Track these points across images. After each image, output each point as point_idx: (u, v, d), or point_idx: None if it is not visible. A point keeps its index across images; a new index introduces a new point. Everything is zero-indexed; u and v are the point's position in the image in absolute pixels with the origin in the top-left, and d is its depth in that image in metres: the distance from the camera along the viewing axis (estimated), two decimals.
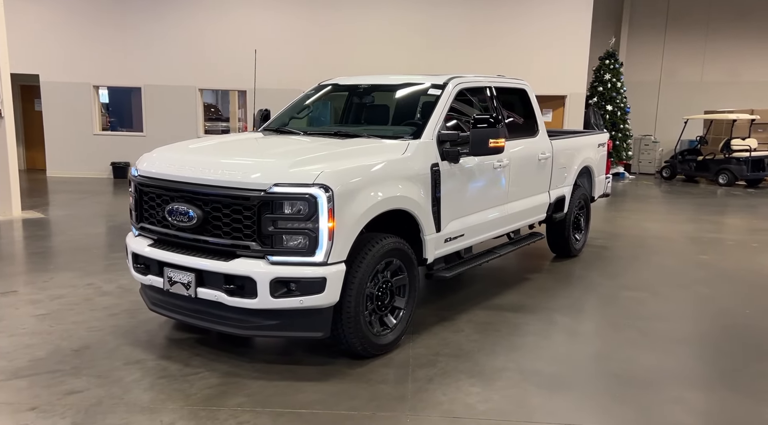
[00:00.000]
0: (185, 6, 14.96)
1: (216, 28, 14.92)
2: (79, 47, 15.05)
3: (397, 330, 4.58)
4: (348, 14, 14.82)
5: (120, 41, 15.06)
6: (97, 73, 15.20)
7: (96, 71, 15.16)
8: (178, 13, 14.99)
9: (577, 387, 4.09)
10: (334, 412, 3.66)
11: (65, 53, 15.05)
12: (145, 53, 15.05)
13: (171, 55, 14.89)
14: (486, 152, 4.91)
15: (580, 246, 7.76)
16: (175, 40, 14.89)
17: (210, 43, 14.79)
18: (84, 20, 15.01)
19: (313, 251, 3.91)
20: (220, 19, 14.94)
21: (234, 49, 14.76)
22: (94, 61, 15.11)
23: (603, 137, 8.13)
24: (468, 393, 3.94)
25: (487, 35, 14.74)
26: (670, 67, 19.89)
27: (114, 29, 15.04)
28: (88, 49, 15.06)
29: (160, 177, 4.38)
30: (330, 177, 3.95)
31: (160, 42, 14.95)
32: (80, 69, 15.09)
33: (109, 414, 3.59)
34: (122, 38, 15.06)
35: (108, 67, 15.14)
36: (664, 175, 17.80)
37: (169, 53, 14.90)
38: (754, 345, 4.97)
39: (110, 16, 15.02)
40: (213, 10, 14.93)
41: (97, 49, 15.07)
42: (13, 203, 9.78)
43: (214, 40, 14.80)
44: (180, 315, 4.39)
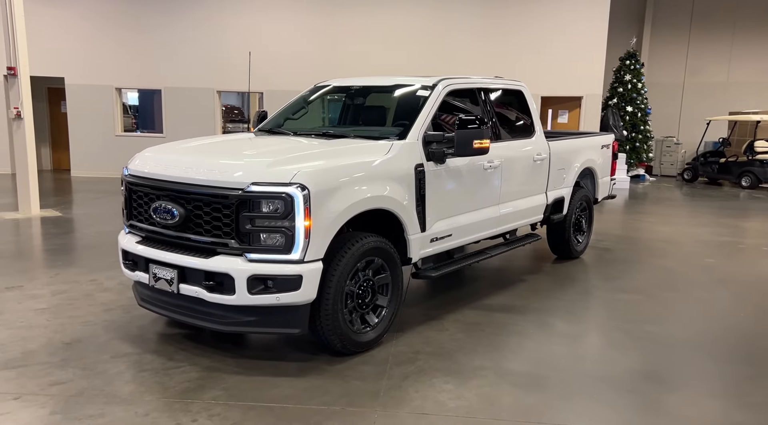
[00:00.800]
0: (204, 10, 15.21)
1: (234, 31, 15.14)
2: (102, 51, 15.42)
3: (378, 328, 4.64)
4: (363, 15, 14.91)
5: (141, 45, 15.39)
6: (119, 76, 15.55)
7: (118, 74, 15.51)
8: (197, 18, 15.25)
9: (552, 387, 4.10)
10: (304, 407, 3.74)
11: (89, 56, 15.43)
12: (166, 56, 15.35)
13: (190, 58, 15.16)
14: (471, 153, 4.94)
15: (582, 248, 7.71)
16: (194, 43, 15.16)
17: (228, 46, 15.02)
18: (107, 25, 15.37)
19: (290, 249, 4.00)
20: (237, 22, 15.16)
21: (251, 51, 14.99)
22: (116, 64, 15.46)
23: (607, 138, 8.07)
24: (440, 391, 3.98)
25: (501, 36, 14.69)
26: (695, 67, 19.56)
27: (136, 33, 15.37)
28: (111, 53, 15.41)
29: (146, 176, 4.52)
30: (306, 176, 4.03)
31: (179, 45, 15.23)
32: (103, 72, 15.46)
33: (88, 404, 3.71)
34: (143, 42, 15.38)
35: (129, 70, 15.48)
36: (686, 178, 17.52)
37: (188, 56, 15.18)
38: (743, 349, 4.91)
39: (132, 20, 15.35)
40: (231, 14, 15.16)
41: (120, 53, 15.42)
42: (32, 202, 10.07)
43: (232, 42, 15.02)
44: (165, 311, 4.51)
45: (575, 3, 14.47)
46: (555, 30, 14.57)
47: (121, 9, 15.37)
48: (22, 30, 9.77)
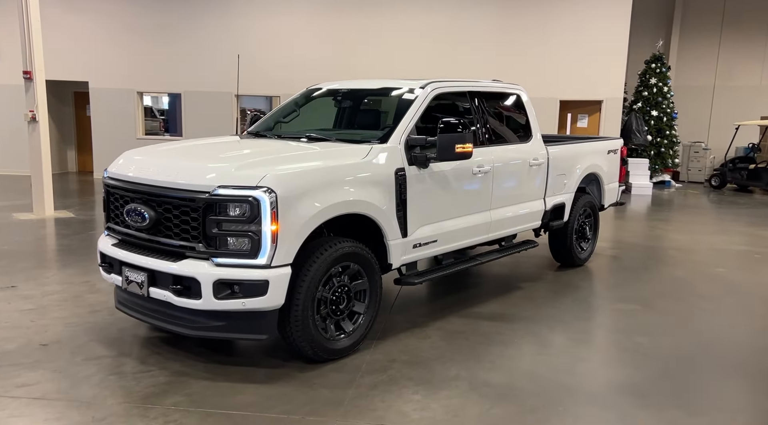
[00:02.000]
0: (224, 16, 15.36)
1: (252, 36, 15.25)
2: (125, 55, 15.69)
3: (354, 336, 4.55)
4: (378, 19, 14.86)
5: (163, 49, 15.61)
6: (141, 80, 15.79)
7: (140, 78, 15.76)
8: (218, 23, 15.41)
9: (524, 399, 3.95)
10: (264, 415, 3.67)
11: (112, 61, 15.71)
12: (186, 60, 15.53)
13: (210, 62, 15.30)
14: (453, 157, 4.82)
15: (586, 255, 7.50)
16: (214, 48, 15.29)
17: (246, 51, 15.10)
18: (130, 30, 15.64)
19: (256, 254, 3.94)
20: (256, 26, 15.27)
21: (269, 56, 15.09)
22: (138, 68, 15.72)
23: (614, 143, 7.84)
24: (407, 401, 3.88)
25: (518, 39, 14.48)
26: (726, 70, 19.00)
27: (157, 38, 15.61)
28: (134, 57, 15.68)
29: (120, 178, 4.53)
30: (274, 180, 3.97)
31: (199, 50, 15.40)
32: (125, 76, 15.72)
33: (48, 407, 3.71)
34: (165, 46, 15.60)
35: (151, 74, 15.72)
36: (713, 184, 17.01)
37: (207, 60, 15.32)
38: (730, 363, 4.66)
39: (154, 25, 15.59)
40: (250, 18, 15.28)
41: (142, 57, 15.67)
42: (45, 203, 10.25)
43: (251, 48, 15.11)
44: (138, 314, 4.50)
45: (595, 5, 14.18)
46: (574, 32, 14.30)
47: (143, 14, 15.62)
48: (38, 35, 9.95)
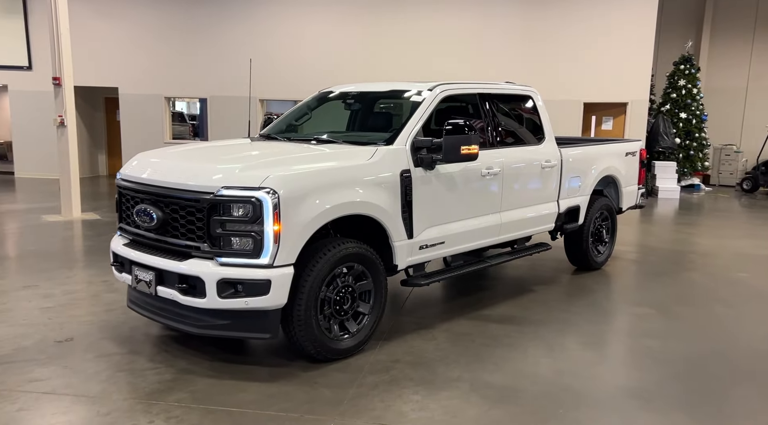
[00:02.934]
0: (248, 20, 15.56)
1: (277, 40, 15.43)
2: (153, 61, 16.01)
3: (358, 336, 4.58)
4: (405, 23, 14.88)
5: (189, 55, 15.89)
6: (168, 85, 16.10)
7: (167, 83, 16.07)
8: (242, 28, 15.61)
9: (524, 401, 3.93)
10: (263, 413, 3.72)
11: (141, 67, 16.04)
12: (211, 66, 15.78)
13: (235, 67, 15.45)
14: (459, 159, 4.82)
15: (603, 259, 7.40)
16: (238, 53, 15.47)
17: (272, 55, 15.30)
18: (158, 36, 15.95)
19: (259, 253, 4.00)
20: (282, 31, 15.44)
21: (294, 60, 15.25)
22: (166, 73, 16.02)
23: (632, 145, 7.74)
24: (407, 401, 3.89)
25: (542, 41, 14.35)
26: (759, 71, 18.55)
27: (185, 44, 15.89)
28: (161, 63, 15.99)
29: (131, 179, 4.64)
30: (277, 181, 4.03)
31: (224, 55, 15.62)
32: (154, 81, 16.04)
33: (56, 402, 3.82)
34: (191, 52, 15.87)
35: (178, 80, 16.01)
36: (745, 188, 16.61)
37: (233, 66, 15.50)
38: (742, 370, 4.56)
39: (182, 32, 15.88)
40: (276, 24, 15.45)
41: (169, 63, 15.97)
42: (73, 205, 10.51)
43: (276, 51, 15.30)
44: (148, 313, 4.60)
45: (621, 6, 14.00)
46: (599, 33, 14.13)
47: (170, 21, 15.92)
48: (67, 42, 10.22)
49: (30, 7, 16.22)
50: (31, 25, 16.28)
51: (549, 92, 6.12)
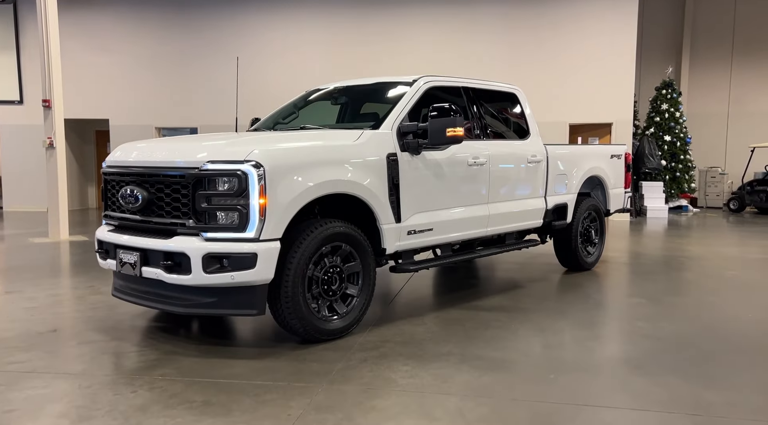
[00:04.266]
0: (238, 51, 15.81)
1: (266, 71, 15.64)
2: (144, 92, 16.16)
3: (347, 318, 4.52)
4: (386, 48, 15.13)
5: (179, 86, 16.06)
6: (159, 116, 16.22)
7: (158, 114, 16.19)
8: (232, 59, 15.83)
9: (515, 370, 3.88)
10: (250, 382, 3.64)
11: (132, 99, 16.18)
12: (202, 97, 15.93)
13: (225, 97, 15.56)
14: (444, 141, 4.86)
15: (593, 260, 7.39)
16: (229, 83, 15.62)
17: (264, 85, 15.48)
18: (149, 68, 16.15)
19: (244, 227, 3.98)
20: (270, 62, 15.67)
21: (283, 90, 15.42)
22: (156, 104, 16.16)
23: (617, 148, 7.82)
24: (396, 371, 3.82)
25: (525, 63, 14.60)
26: (739, 96, 18.94)
27: (174, 75, 16.08)
28: (152, 94, 16.14)
29: (118, 164, 4.64)
30: (262, 155, 4.04)
31: (214, 85, 15.74)
32: (144, 112, 16.16)
33: (36, 379, 3.72)
34: (181, 83, 16.05)
35: (169, 110, 16.15)
36: (732, 208, 16.75)
37: (223, 96, 15.59)
38: (732, 342, 4.52)
39: (170, 63, 16.08)
40: (264, 54, 15.70)
41: (160, 94, 16.13)
42: (61, 228, 10.45)
43: (264, 82, 15.49)
44: (133, 298, 4.54)
45: (601, 28, 14.34)
46: (581, 56, 14.42)
47: (161, 53, 16.14)
48: (57, 64, 10.34)
49: (22, 42, 16.44)
50: (23, 60, 16.47)
51: (535, 113, 6.24)
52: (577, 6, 14.54)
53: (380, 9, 15.35)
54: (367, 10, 15.43)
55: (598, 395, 3.50)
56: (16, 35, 16.48)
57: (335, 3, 15.55)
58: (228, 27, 15.94)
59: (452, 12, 15.05)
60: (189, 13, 16.14)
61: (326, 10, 15.59)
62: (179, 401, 3.35)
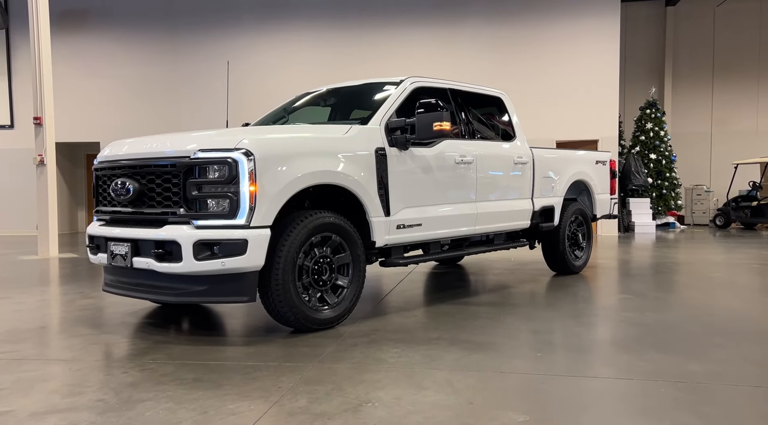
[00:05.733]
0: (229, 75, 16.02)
1: (257, 95, 15.83)
2: (135, 116, 16.28)
3: (338, 308, 4.55)
4: (375, 61, 15.36)
5: (171, 110, 16.20)
6: None
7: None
8: (223, 83, 16.05)
9: (503, 351, 3.91)
10: (241, 363, 3.66)
11: (122, 122, 16.28)
12: (193, 120, 16.02)
13: (219, 121, 15.77)
14: (431, 135, 4.96)
15: (581, 263, 7.47)
16: (218, 107, 15.82)
17: (252, 105, 15.65)
18: (140, 91, 16.31)
19: (235, 214, 4.03)
20: (261, 86, 15.88)
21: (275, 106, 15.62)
22: (147, 128, 16.17)
23: (602, 155, 7.97)
24: (386, 353, 3.86)
25: (512, 81, 14.84)
26: (721, 117, 19.33)
27: (165, 98, 16.25)
28: (143, 117, 16.26)
29: (109, 159, 4.70)
30: (253, 143, 4.12)
31: (206, 108, 15.93)
32: (135, 135, 16.08)
33: (26, 365, 3.72)
34: (173, 107, 16.21)
35: (160, 132, 16.24)
36: (718, 224, 16.95)
37: (218, 119, 15.76)
38: (715, 327, 4.59)
39: (163, 87, 16.26)
40: (255, 79, 15.90)
41: (151, 117, 16.25)
42: (50, 245, 10.43)
43: (256, 106, 15.67)
44: (124, 291, 4.55)
45: (586, 48, 14.67)
46: (565, 74, 14.71)
47: (153, 76, 16.32)
48: (49, 82, 10.45)
49: (14, 67, 16.58)
50: (14, 86, 16.59)
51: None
52: (561, 27, 14.89)
53: (369, 28, 15.66)
54: (356, 30, 15.72)
55: (585, 369, 3.55)
56: (8, 61, 16.62)
57: (324, 26, 15.85)
58: (220, 49, 16.13)
59: (437, 31, 15.37)
60: (178, 37, 16.37)
61: (315, 31, 15.88)
62: (170, 379, 3.36)
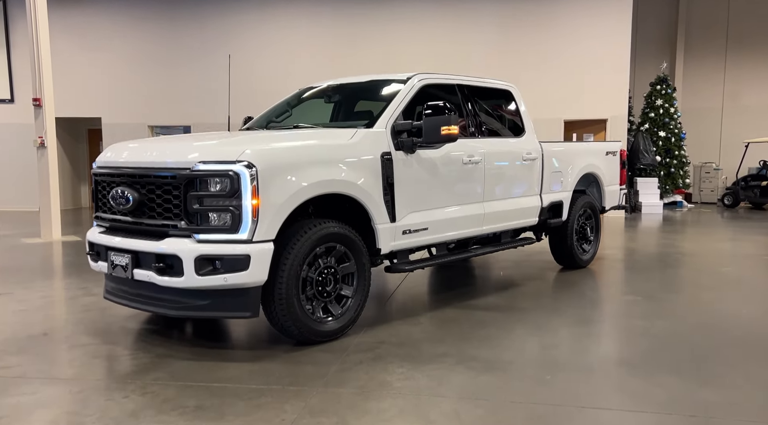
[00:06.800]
0: (230, 50, 15.72)
1: (258, 68, 15.56)
2: (136, 90, 16.05)
3: (342, 319, 4.47)
4: (378, 43, 15.08)
5: (172, 84, 15.96)
6: (151, 114, 16.11)
7: (150, 112, 16.09)
8: (224, 57, 15.70)
9: (510, 370, 3.84)
10: (243, 386, 3.60)
11: (124, 97, 16.07)
12: (195, 94, 15.83)
13: (218, 95, 15.52)
14: (439, 140, 4.81)
15: (589, 257, 7.37)
16: (221, 82, 15.52)
17: (252, 83, 15.39)
18: (141, 66, 16.03)
19: (237, 228, 3.93)
20: (261, 59, 15.60)
21: (275, 88, 15.34)
22: (149, 102, 16.06)
23: (612, 145, 7.79)
24: (391, 373, 3.78)
25: (521, 61, 14.57)
26: (733, 91, 18.96)
27: (167, 73, 15.99)
28: (144, 92, 16.04)
29: (108, 165, 4.57)
30: (255, 155, 3.98)
31: (208, 83, 15.64)
32: (137, 111, 16.05)
33: (25, 385, 3.66)
34: (174, 81, 15.96)
35: (161, 108, 16.05)
36: (726, 203, 16.79)
37: (216, 94, 15.52)
38: (728, 337, 4.52)
39: (163, 61, 15.98)
40: (256, 53, 15.61)
41: (152, 92, 16.03)
42: (53, 228, 10.36)
43: (256, 80, 15.41)
44: (125, 301, 4.47)
45: (596, 24, 14.31)
46: (576, 53, 14.39)
47: (154, 51, 16.04)
48: (48, 62, 10.24)
49: (13, 40, 16.28)
50: (13, 59, 16.32)
51: (530, 111, 6.19)
52: (572, 3, 14.51)
53: (373, 7, 15.28)
54: (360, 10, 15.36)
55: (595, 396, 3.47)
56: (6, 33, 16.32)
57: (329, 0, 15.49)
58: (219, 24, 15.85)
59: (446, 8, 15.00)
60: (180, 10, 16.04)
61: (319, 6, 15.52)
62: (172, 406, 3.30)
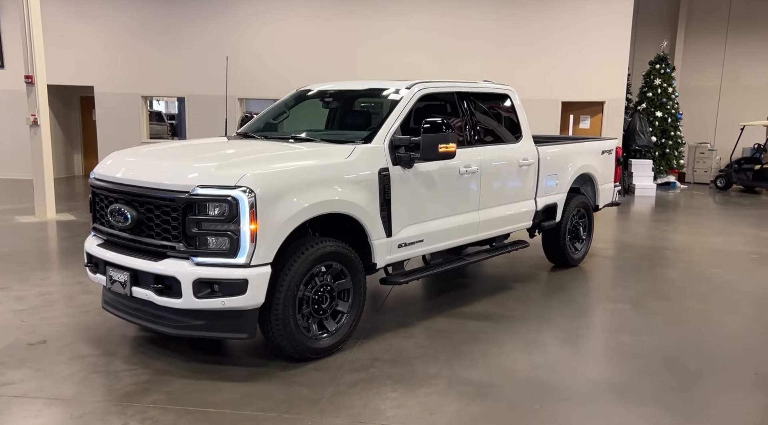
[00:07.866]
0: (227, 20, 15.46)
1: (254, 39, 15.33)
2: (130, 60, 15.81)
3: (337, 335, 4.56)
4: (378, 21, 14.88)
5: (166, 54, 15.72)
6: (145, 84, 15.92)
7: (144, 82, 15.89)
8: (220, 28, 15.49)
9: (501, 397, 3.96)
10: (240, 412, 3.69)
11: (117, 66, 15.83)
12: (189, 65, 15.62)
13: (213, 66, 15.24)
14: (436, 157, 4.83)
15: (581, 256, 7.47)
16: (216, 52, 15.29)
17: (249, 55, 15.18)
18: (135, 35, 15.75)
19: (235, 253, 3.97)
20: (258, 31, 15.35)
21: (271, 59, 15.18)
22: (143, 72, 15.84)
23: (609, 144, 7.81)
24: (385, 399, 3.89)
25: (520, 41, 14.43)
26: (732, 71, 18.85)
27: (161, 43, 15.72)
28: (138, 62, 15.80)
29: (106, 179, 4.57)
30: (253, 179, 4.00)
31: (202, 54, 15.45)
32: (130, 80, 15.85)
33: (27, 405, 3.75)
34: (168, 51, 15.71)
35: (155, 79, 15.84)
36: (719, 185, 16.88)
37: (211, 65, 15.29)
38: (715, 361, 4.64)
39: (158, 30, 15.71)
40: (252, 23, 15.36)
41: (146, 62, 15.79)
42: (47, 206, 10.35)
43: (253, 51, 15.20)
44: (123, 314, 4.54)
45: (597, 6, 14.14)
46: (576, 35, 14.25)
47: (147, 20, 15.74)
48: (40, 40, 10.06)
49: (2, 5, 15.93)
50: (3, 24, 15.99)
51: (527, 91, 6.14)
52: None
53: None
54: None
55: None
56: None
57: None
58: None
59: None
60: None
61: None
62: None
